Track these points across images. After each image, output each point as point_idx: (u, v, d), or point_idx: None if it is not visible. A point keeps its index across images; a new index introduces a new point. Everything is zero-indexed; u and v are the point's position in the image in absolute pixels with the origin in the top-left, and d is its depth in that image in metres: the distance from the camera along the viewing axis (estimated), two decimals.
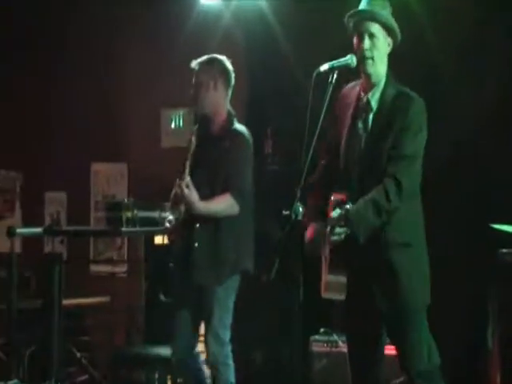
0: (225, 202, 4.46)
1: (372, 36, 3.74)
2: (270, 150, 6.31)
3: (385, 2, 3.82)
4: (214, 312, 4.49)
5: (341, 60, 3.79)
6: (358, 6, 3.81)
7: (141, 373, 6.02)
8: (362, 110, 3.81)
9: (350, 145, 3.80)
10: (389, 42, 3.79)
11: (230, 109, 4.68)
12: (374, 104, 3.78)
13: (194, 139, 4.57)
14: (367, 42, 3.74)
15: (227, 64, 4.65)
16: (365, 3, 3.79)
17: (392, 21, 3.79)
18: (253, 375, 5.96)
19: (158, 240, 6.19)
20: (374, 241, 3.66)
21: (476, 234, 5.33)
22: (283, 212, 3.90)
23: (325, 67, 3.76)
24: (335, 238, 3.61)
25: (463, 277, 5.52)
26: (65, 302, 5.21)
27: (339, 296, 3.71)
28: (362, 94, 3.82)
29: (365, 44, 3.74)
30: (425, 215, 3.85)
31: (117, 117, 7.15)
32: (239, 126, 4.65)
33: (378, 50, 3.75)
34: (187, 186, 4.39)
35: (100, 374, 6.28)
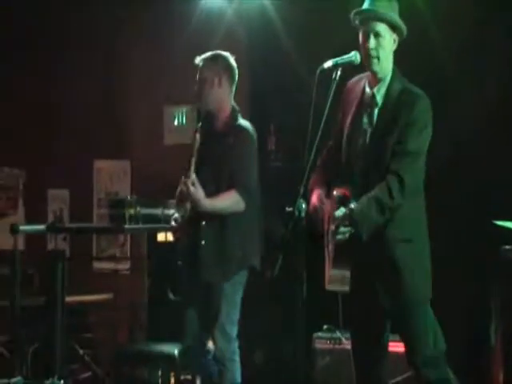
0: (230, 199, 4.45)
1: (377, 35, 3.73)
2: (273, 147, 6.31)
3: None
4: (221, 308, 4.49)
5: (344, 57, 3.79)
6: (362, 2, 3.80)
7: (144, 370, 6.01)
8: (367, 105, 3.81)
9: (353, 138, 3.80)
10: (394, 38, 3.78)
11: (234, 105, 4.66)
12: (379, 99, 3.78)
13: (198, 137, 4.55)
14: (373, 42, 3.73)
15: (231, 60, 4.64)
16: (372, 1, 3.76)
17: (397, 18, 3.77)
18: (256, 372, 5.95)
19: (160, 237, 6.19)
20: (377, 237, 3.67)
21: (478, 232, 5.34)
22: (286, 209, 3.89)
23: (328, 64, 3.76)
24: (340, 237, 3.62)
25: (466, 274, 5.51)
26: (68, 299, 5.20)
27: (343, 288, 3.71)
28: (367, 89, 3.82)
29: (370, 44, 3.73)
30: (426, 214, 3.84)
31: (119, 114, 7.15)
32: (243, 122, 4.63)
33: (383, 48, 3.74)
34: (193, 184, 4.38)
35: (103, 371, 6.27)
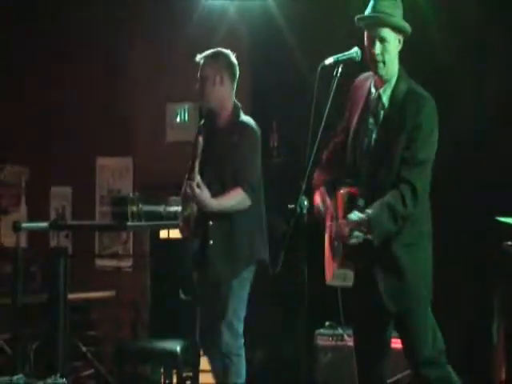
0: (236, 197, 4.43)
1: (383, 40, 3.71)
2: (275, 144, 6.32)
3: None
4: (228, 303, 4.47)
5: (346, 53, 3.78)
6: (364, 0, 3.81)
7: (146, 367, 6.02)
8: (373, 105, 3.79)
9: (359, 138, 3.79)
10: (399, 39, 3.76)
11: (236, 101, 4.64)
12: (385, 100, 3.77)
13: (201, 139, 4.52)
14: (378, 47, 3.71)
15: (232, 58, 4.62)
16: (376, 3, 3.74)
17: (401, 21, 3.75)
18: (257, 369, 5.95)
19: (163, 234, 6.19)
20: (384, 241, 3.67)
21: (478, 232, 5.35)
22: (288, 205, 3.89)
23: (330, 60, 3.75)
24: (353, 241, 3.62)
25: (467, 273, 5.51)
26: (70, 296, 5.20)
27: (344, 283, 3.70)
28: (373, 89, 3.81)
29: (376, 49, 3.71)
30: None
31: (122, 111, 7.15)
32: (246, 118, 4.62)
33: (389, 53, 3.72)
34: (198, 186, 4.36)
35: (105, 368, 6.28)
